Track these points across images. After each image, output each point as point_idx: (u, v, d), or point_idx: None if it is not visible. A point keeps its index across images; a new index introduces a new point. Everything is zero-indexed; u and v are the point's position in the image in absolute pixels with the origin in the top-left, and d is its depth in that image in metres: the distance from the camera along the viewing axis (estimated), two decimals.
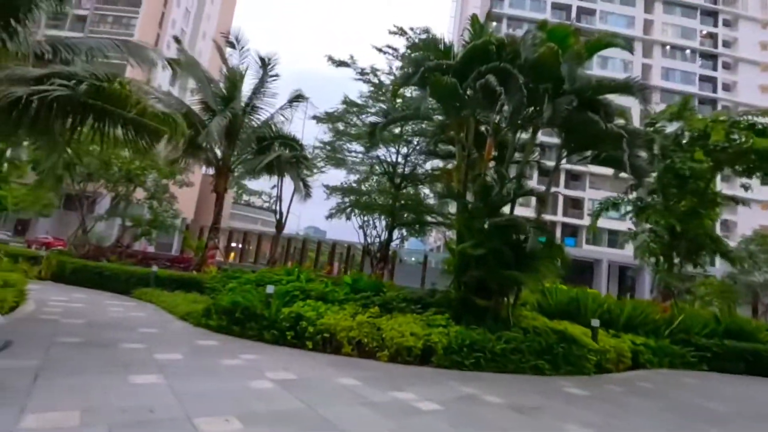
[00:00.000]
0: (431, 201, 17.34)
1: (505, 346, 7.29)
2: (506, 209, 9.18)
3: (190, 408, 3.70)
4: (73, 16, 56.66)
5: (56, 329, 6.45)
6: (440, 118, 12.00)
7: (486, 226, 8.17)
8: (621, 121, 9.05)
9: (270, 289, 8.18)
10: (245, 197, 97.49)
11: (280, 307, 7.86)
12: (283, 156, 14.45)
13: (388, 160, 16.24)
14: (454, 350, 7.08)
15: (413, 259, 39.53)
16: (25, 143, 12.97)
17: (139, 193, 23.06)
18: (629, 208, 17.08)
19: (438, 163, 15.58)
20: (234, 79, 15.26)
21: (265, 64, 15.33)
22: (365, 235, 21.35)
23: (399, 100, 14.25)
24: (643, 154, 8.52)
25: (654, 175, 14.09)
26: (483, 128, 10.59)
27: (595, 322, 8.68)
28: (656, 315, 11.14)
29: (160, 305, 10.59)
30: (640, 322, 10.57)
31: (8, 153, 16.78)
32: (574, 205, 48.29)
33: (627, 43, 9.63)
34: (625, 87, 8.38)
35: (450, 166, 12.27)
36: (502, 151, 10.59)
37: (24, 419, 3.13)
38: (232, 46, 15.18)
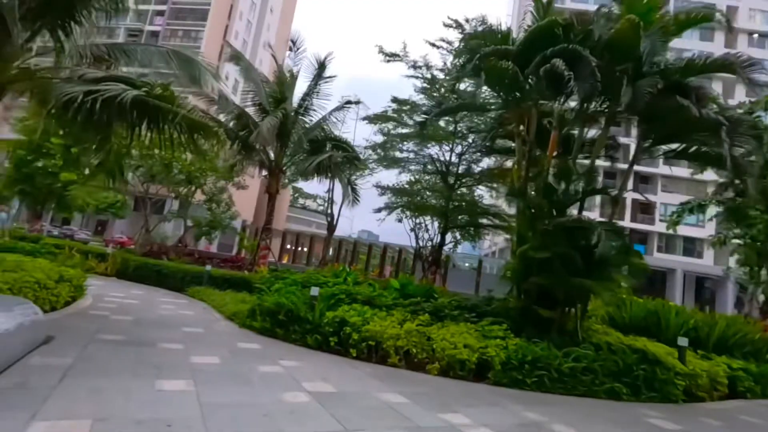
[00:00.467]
0: (487, 202, 16.38)
1: (574, 364, 6.36)
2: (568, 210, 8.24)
3: (212, 424, 3.28)
4: (147, 32, 61.25)
5: (102, 326, 6.43)
6: (493, 117, 11.21)
7: (550, 228, 7.26)
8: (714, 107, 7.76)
9: (314, 291, 7.80)
10: (301, 201, 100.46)
11: (324, 310, 7.44)
12: (334, 157, 14.20)
13: (442, 158, 15.52)
14: (514, 366, 6.27)
15: (466, 264, 38.24)
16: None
17: (201, 196, 24.05)
18: (715, 210, 15.11)
19: (493, 161, 14.67)
20: (286, 80, 15.29)
21: (320, 65, 15.22)
22: (417, 238, 20.71)
23: (454, 96, 13.52)
24: (745, 147, 7.15)
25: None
26: (545, 122, 9.64)
27: (683, 341, 7.44)
28: (756, 334, 9.54)
29: (210, 304, 10.61)
30: (736, 343, 9.07)
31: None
32: (644, 209, 44.55)
33: (720, 21, 8.24)
34: (724, 65, 7.11)
35: (509, 163, 11.36)
36: (567, 146, 9.58)
37: (31, 427, 2.85)
38: (290, 48, 15.24)
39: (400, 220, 21.07)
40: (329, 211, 22.31)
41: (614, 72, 7.21)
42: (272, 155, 15.84)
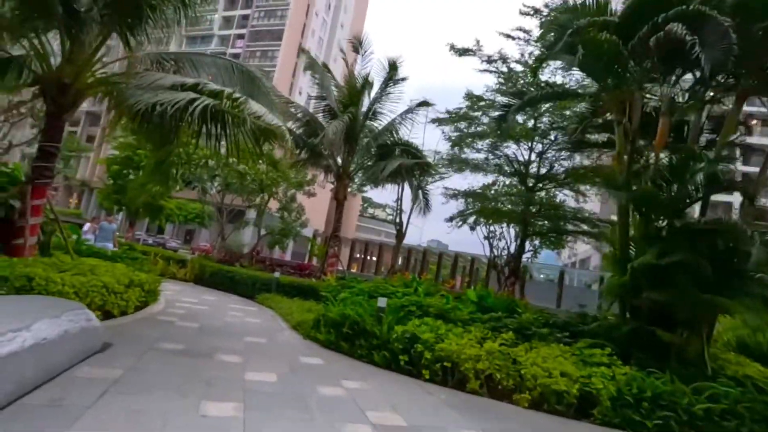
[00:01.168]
0: (571, 205, 14.71)
1: (710, 405, 4.96)
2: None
3: None
4: (230, 54, 65.77)
5: (166, 333, 6.22)
6: (585, 106, 9.83)
7: (672, 231, 5.89)
8: None
9: (382, 302, 7.09)
10: (370, 210, 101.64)
11: (393, 324, 6.69)
12: (405, 164, 13.53)
13: (520, 158, 14.21)
14: (628, 403, 5.02)
15: (542, 275, 35.66)
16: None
17: (274, 204, 24.71)
18: None
19: (581, 159, 13.06)
20: (354, 83, 14.99)
21: (391, 66, 14.74)
22: (491, 246, 19.36)
23: (535, 87, 12.26)
24: None
25: None
26: (650, 108, 8.18)
27: None
28: None
29: (278, 312, 10.35)
30: None
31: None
32: None
33: None
34: None
35: (602, 159, 9.90)
36: (679, 134, 8.04)
37: None
38: (356, 50, 14.97)
39: (473, 228, 19.88)
40: (398, 219, 21.76)
41: (750, 33, 5.75)
42: (340, 161, 15.59)
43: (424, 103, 14.75)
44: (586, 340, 6.54)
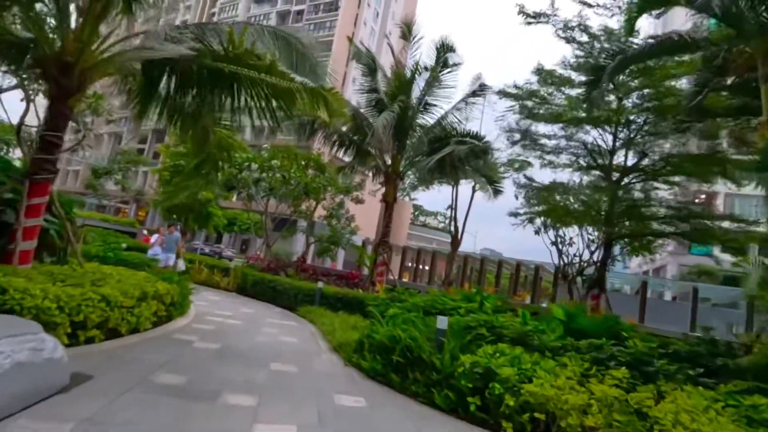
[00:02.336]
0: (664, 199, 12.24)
1: None
2: None
3: None
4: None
5: (173, 358, 5.02)
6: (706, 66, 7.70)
7: None
8: None
9: (442, 322, 5.50)
10: (421, 218, 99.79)
11: (458, 352, 5.09)
12: (458, 151, 11.88)
13: (602, 145, 11.98)
14: None
15: (625, 286, 32.15)
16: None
17: (322, 211, 23.84)
18: None
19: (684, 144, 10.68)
20: (403, 72, 13.62)
21: (443, 48, 13.23)
22: (560, 253, 17.11)
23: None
24: None
25: None
26: None
27: None
28: None
29: (320, 327, 9.05)
30: None
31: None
32: None
33: None
34: None
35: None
36: None
37: None
38: (405, 37, 13.61)
39: (537, 232, 17.73)
40: (452, 222, 20.03)
41: None
42: (388, 160, 14.21)
43: (482, 88, 13.04)
44: (737, 382, 4.59)
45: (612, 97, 10.73)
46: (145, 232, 20.34)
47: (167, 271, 11.35)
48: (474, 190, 20.14)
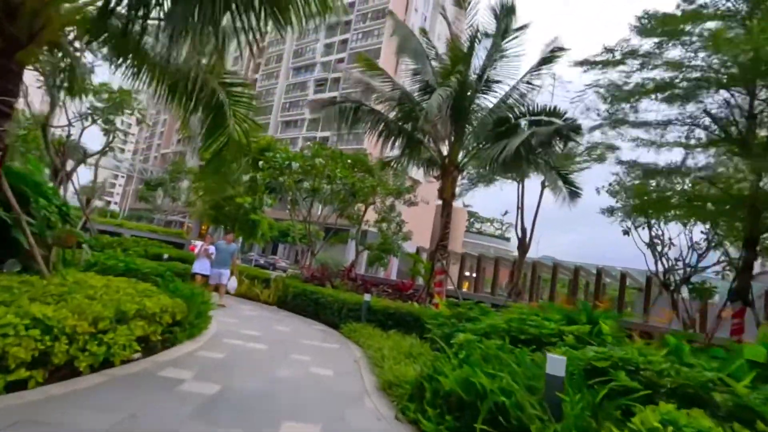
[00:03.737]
0: None
1: None
2: None
3: None
4: (331, 79, 67.52)
5: (123, 420, 3.25)
6: None
7: None
8: None
9: (555, 364, 3.32)
10: (476, 224, 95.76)
11: (588, 420, 2.90)
12: (539, 134, 9.51)
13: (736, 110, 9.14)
14: None
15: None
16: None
17: (372, 216, 22.09)
18: None
19: None
20: (459, 45, 11.53)
21: (498, 16, 11.06)
22: (658, 257, 14.11)
23: None
24: None
25: None
26: None
27: None
28: None
29: (366, 351, 7.11)
30: None
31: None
32: None
33: None
34: None
35: None
36: None
37: None
38: (460, 4, 11.55)
39: (626, 232, 14.82)
40: (519, 224, 17.47)
41: None
42: (444, 149, 12.12)
43: (555, 53, 10.62)
44: None
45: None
46: (193, 242, 19.43)
47: (205, 291, 9.92)
48: (543, 187, 17.50)
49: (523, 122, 10.87)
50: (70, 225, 6.71)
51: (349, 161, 16.47)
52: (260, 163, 15.07)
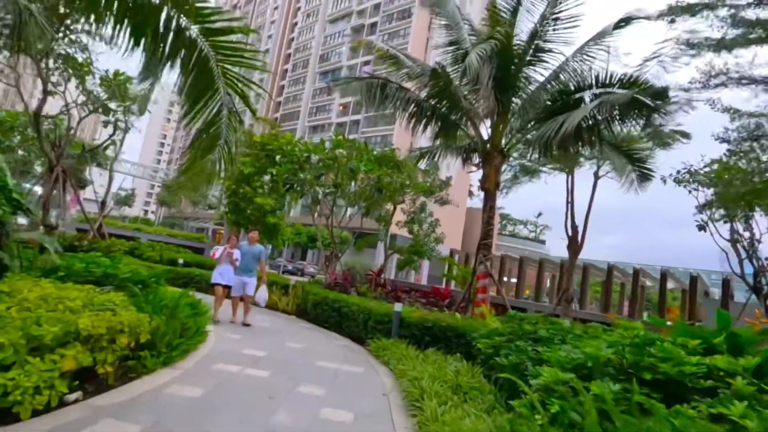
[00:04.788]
0: None
1: None
2: None
3: None
4: None
5: None
6: None
7: None
8: None
9: None
10: (509, 227, 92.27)
11: None
12: (610, 103, 7.59)
13: None
14: None
15: None
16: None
17: (401, 216, 20.42)
18: None
19: None
20: (497, 10, 9.75)
21: None
22: (748, 256, 11.85)
23: None
24: None
25: None
26: None
27: None
28: None
29: (399, 380, 5.47)
30: None
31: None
32: None
33: None
34: None
35: None
36: None
37: None
38: None
39: (703, 227, 12.63)
40: (569, 221, 15.40)
41: None
42: (486, 133, 10.37)
43: (630, 17, 8.68)
44: None
45: None
46: (215, 248, 18.31)
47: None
48: (596, 178, 15.39)
49: (587, 96, 8.97)
50: (31, 219, 5.42)
51: (374, 154, 14.91)
52: (278, 158, 13.73)
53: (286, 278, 13.39)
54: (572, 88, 9.45)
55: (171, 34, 4.46)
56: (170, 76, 5.09)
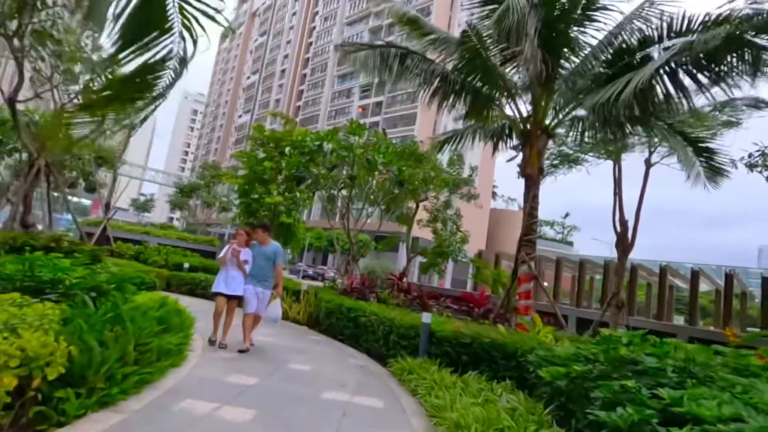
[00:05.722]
0: None
1: None
2: None
3: None
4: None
5: None
6: None
7: None
8: None
9: None
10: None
11: None
12: (697, 46, 5.88)
13: None
14: None
15: None
16: None
17: (424, 214, 18.88)
18: None
19: None
20: None
21: None
22: None
23: None
24: None
25: None
26: None
27: None
28: None
29: (433, 420, 3.98)
30: None
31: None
32: None
33: None
34: None
35: None
36: None
37: None
38: None
39: None
40: (617, 215, 13.54)
41: None
42: (525, 109, 8.77)
43: None
44: None
45: None
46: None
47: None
48: (648, 166, 13.50)
49: (656, 53, 7.26)
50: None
51: (395, 147, 13.44)
52: (287, 149, 12.42)
53: (297, 282, 11.99)
54: (635, 42, 7.74)
55: None
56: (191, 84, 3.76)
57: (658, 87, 6.65)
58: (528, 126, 8.55)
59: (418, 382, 5.20)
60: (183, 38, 3.71)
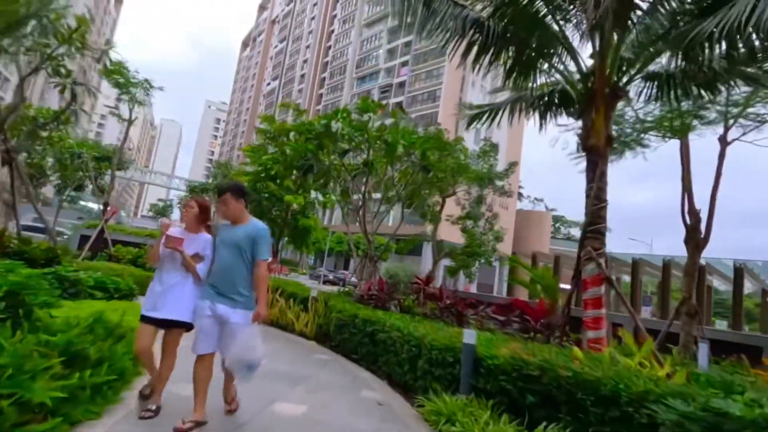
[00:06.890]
0: None
1: None
2: None
3: None
4: (396, 84, 64.30)
5: None
6: None
7: None
8: None
9: None
10: (563, 230, 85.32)
11: None
12: None
13: None
14: None
15: None
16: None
17: (452, 211, 16.97)
18: None
19: None
20: None
21: None
22: None
23: None
24: None
25: None
26: None
27: None
28: None
29: None
30: None
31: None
32: None
33: None
34: None
35: None
36: None
37: None
38: None
39: None
40: (686, 205, 11.42)
41: None
42: (583, 62, 6.83)
43: None
44: None
45: None
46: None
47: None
48: (724, 144, 11.28)
49: None
50: None
51: (419, 129, 11.63)
52: (291, 134, 10.79)
53: (306, 287, 10.28)
54: None
55: None
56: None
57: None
58: (591, 84, 6.62)
59: None
60: None
